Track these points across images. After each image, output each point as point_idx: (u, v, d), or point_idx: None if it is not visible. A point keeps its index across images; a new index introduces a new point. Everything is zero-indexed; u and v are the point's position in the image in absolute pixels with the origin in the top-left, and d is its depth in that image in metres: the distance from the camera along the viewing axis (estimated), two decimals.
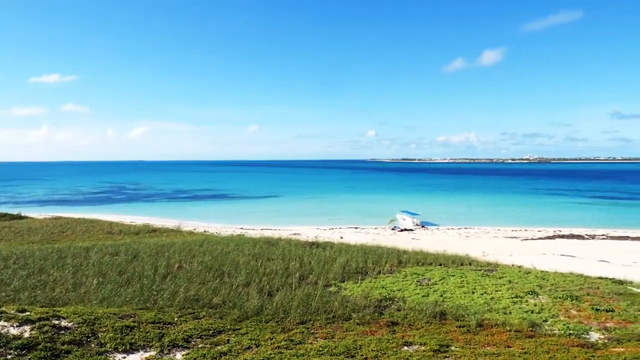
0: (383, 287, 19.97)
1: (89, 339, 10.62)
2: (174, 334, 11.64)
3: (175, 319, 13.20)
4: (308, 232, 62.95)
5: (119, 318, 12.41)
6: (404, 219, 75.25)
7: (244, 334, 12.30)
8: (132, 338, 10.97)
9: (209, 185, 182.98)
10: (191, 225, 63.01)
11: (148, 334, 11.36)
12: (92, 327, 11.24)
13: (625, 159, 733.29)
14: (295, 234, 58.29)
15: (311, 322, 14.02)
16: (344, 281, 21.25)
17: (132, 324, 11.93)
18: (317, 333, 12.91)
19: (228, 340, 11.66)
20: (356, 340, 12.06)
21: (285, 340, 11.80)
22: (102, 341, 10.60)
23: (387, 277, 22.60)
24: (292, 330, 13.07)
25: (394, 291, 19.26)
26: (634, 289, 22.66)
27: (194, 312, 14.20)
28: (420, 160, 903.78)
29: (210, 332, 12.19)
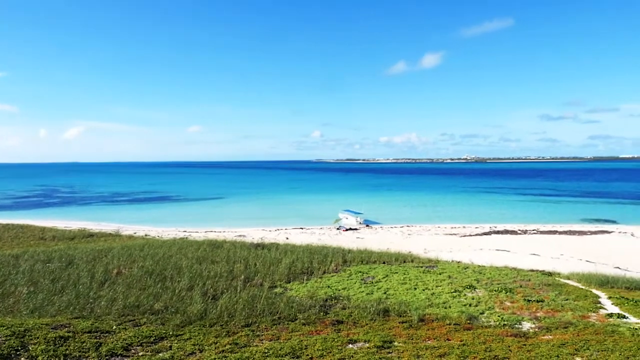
0: (328, 287, 20.17)
1: (18, 353, 9.96)
2: (112, 343, 11.16)
3: (114, 327, 12.66)
4: (253, 233, 62.38)
5: (52, 329, 11.74)
6: (347, 218, 76.37)
7: (187, 339, 12.00)
8: (66, 349, 10.39)
9: (150, 187, 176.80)
10: (131, 229, 60.61)
11: (84, 344, 10.82)
12: (22, 340, 10.55)
13: (553, 158, 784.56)
14: (240, 235, 57.58)
15: (256, 324, 13.91)
16: (289, 282, 21.25)
17: (66, 334, 11.31)
18: (262, 335, 12.83)
19: (170, 346, 11.34)
20: (302, 341, 12.10)
21: (230, 344, 11.64)
22: (33, 354, 9.98)
23: (333, 276, 22.85)
24: (237, 333, 12.91)
25: (339, 290, 19.50)
26: (561, 280, 24.26)
27: (134, 319, 13.69)
28: (364, 160, 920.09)
29: (152, 339, 11.80)
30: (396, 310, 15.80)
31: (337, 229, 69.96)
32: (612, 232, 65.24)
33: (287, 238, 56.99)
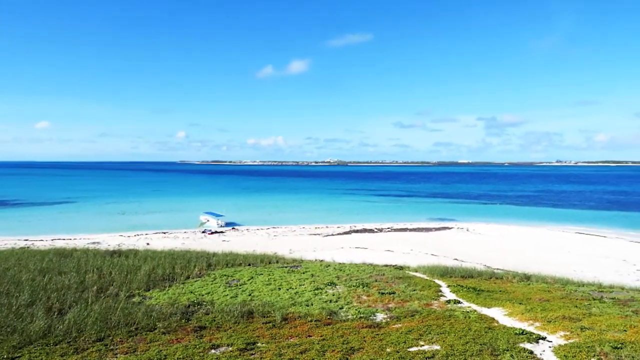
0: (191, 292, 19.56)
1: None
2: None
3: None
4: (109, 240, 57.77)
5: None
6: (208, 220, 74.99)
7: None
8: None
9: None
10: None
11: None
12: None
13: (405, 162, 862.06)
14: (94, 242, 52.87)
15: (110, 337, 12.93)
16: (149, 290, 20.14)
17: None
18: (117, 349, 11.98)
19: None
20: (161, 351, 11.58)
21: None
22: None
23: (196, 281, 22.22)
24: (88, 349, 11.86)
25: (202, 295, 19.03)
26: (410, 273, 26.79)
27: None
28: (231, 162, 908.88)
29: None
30: (260, 311, 15.94)
31: (203, 232, 68.14)
32: (452, 228, 73.84)
33: (147, 244, 53.91)
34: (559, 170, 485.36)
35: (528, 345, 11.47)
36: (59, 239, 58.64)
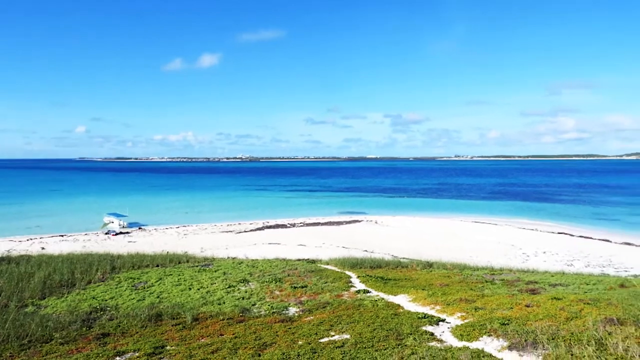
0: (94, 298, 18.40)
1: None
2: None
3: None
4: None
5: None
6: (112, 222, 70.96)
7: None
8: None
9: None
10: None
11: None
12: None
13: (317, 158, 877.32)
14: None
15: None
16: (44, 298, 18.62)
17: None
18: None
19: None
20: None
21: None
22: None
23: (99, 285, 20.93)
24: None
25: (106, 300, 17.99)
26: (322, 266, 27.40)
27: None
28: (137, 159, 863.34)
29: None
30: (169, 313, 15.43)
31: (106, 233, 64.10)
32: (362, 221, 76.48)
33: (42, 248, 49.66)
34: (457, 164, 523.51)
35: (429, 328, 12.30)
36: None
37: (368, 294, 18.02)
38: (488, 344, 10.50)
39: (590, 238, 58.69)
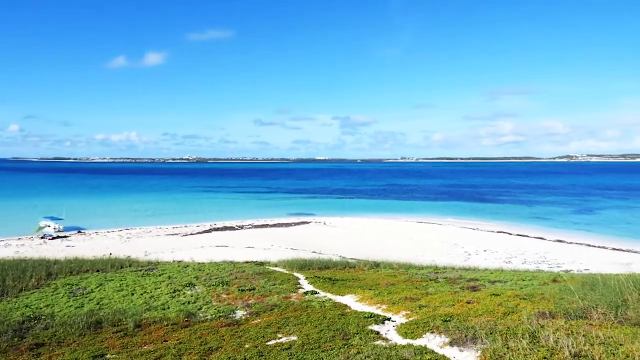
0: (27, 306, 17.34)
1: None
2: None
3: None
4: None
5: None
6: (49, 226, 67.39)
7: None
8: None
9: None
10: None
11: None
12: None
13: (265, 159, 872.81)
14: None
15: None
16: None
17: None
18: None
19: None
20: None
21: None
22: None
23: (33, 293, 19.74)
24: None
25: (40, 308, 17.00)
26: (271, 268, 27.25)
27: None
28: (76, 159, 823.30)
29: None
30: (110, 320, 14.81)
31: (41, 237, 60.67)
32: (310, 222, 76.81)
33: None
34: (403, 166, 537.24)
35: (375, 327, 12.53)
36: None
37: (316, 295, 18.10)
38: (431, 340, 10.83)
39: (527, 236, 62.05)
